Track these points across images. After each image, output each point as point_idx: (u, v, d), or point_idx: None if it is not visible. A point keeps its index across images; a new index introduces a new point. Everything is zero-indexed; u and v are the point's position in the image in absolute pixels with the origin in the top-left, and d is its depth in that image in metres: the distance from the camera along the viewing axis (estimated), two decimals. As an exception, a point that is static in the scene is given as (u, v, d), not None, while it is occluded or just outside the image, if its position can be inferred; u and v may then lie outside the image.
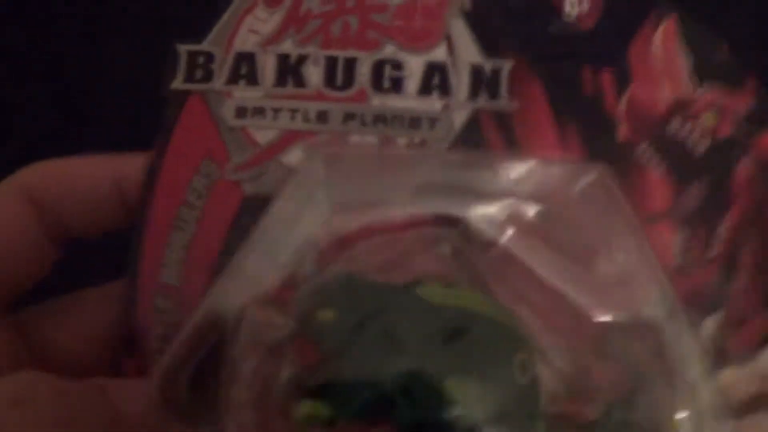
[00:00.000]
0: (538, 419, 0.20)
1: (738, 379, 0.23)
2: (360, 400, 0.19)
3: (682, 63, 0.23)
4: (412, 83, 0.23)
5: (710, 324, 0.23)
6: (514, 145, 0.23)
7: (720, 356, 0.23)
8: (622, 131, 0.23)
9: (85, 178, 0.23)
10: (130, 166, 0.23)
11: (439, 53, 0.23)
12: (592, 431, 0.21)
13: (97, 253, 0.25)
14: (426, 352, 0.19)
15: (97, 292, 0.23)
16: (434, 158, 0.22)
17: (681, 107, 0.23)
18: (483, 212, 0.22)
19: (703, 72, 0.24)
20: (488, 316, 0.20)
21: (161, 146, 0.23)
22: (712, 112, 0.23)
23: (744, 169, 0.23)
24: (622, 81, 0.23)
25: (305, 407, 0.19)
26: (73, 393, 0.19)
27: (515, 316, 0.20)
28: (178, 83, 0.23)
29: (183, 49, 0.23)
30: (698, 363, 0.21)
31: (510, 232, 0.22)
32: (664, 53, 0.23)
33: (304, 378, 0.19)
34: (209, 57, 0.23)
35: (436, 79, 0.23)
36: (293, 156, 0.22)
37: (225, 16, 0.23)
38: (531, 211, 0.22)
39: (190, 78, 0.23)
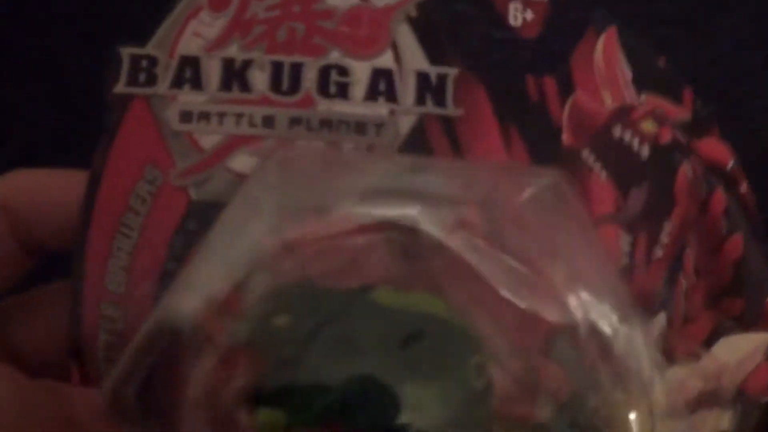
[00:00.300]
0: (491, 422, 0.20)
1: (684, 378, 0.23)
2: (316, 406, 0.19)
3: (623, 72, 0.24)
4: (359, 89, 0.23)
5: (656, 325, 0.23)
6: (459, 151, 0.23)
7: (666, 356, 0.23)
8: (566, 137, 0.23)
9: (57, 192, 0.23)
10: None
11: (386, 60, 0.23)
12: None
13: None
14: (381, 356, 0.19)
15: (47, 290, 0.23)
16: (385, 162, 0.22)
17: (622, 114, 0.24)
18: (433, 216, 0.22)
19: (642, 81, 0.24)
20: (443, 319, 0.20)
21: (104, 152, 0.22)
22: (652, 120, 0.24)
23: (684, 174, 0.24)
24: (565, 88, 0.24)
25: (263, 415, 0.18)
26: (29, 390, 0.19)
27: (469, 319, 0.20)
28: (120, 87, 0.22)
29: (125, 52, 0.23)
30: (649, 363, 0.21)
31: (459, 235, 0.22)
32: (605, 62, 0.24)
33: (260, 385, 0.19)
34: (153, 60, 0.23)
35: (382, 85, 0.23)
36: (240, 161, 0.22)
37: (169, 19, 0.23)
38: (481, 214, 0.22)
39: (132, 82, 0.22)
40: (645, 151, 0.24)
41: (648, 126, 0.24)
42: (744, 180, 0.24)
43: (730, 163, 0.24)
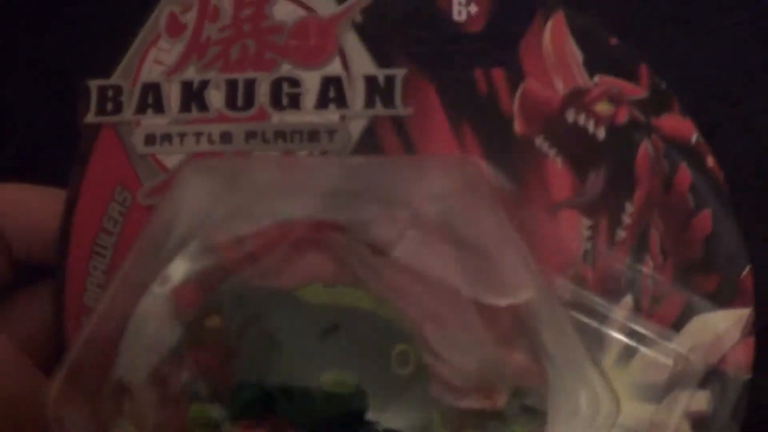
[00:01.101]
0: (429, 409, 0.20)
1: (655, 359, 0.23)
2: (243, 400, 0.20)
3: (574, 56, 0.24)
4: (310, 98, 0.24)
5: (624, 307, 0.23)
6: (411, 150, 0.23)
7: (637, 337, 0.23)
8: (519, 126, 0.24)
9: (38, 209, 0.24)
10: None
11: (334, 67, 0.24)
12: (499, 419, 0.21)
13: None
14: (302, 349, 0.20)
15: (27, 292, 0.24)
16: (329, 164, 0.23)
17: (576, 98, 0.24)
18: (380, 216, 0.22)
19: (595, 63, 0.24)
20: (366, 311, 0.20)
21: (78, 177, 0.24)
22: (607, 101, 0.24)
23: (644, 152, 0.24)
24: (515, 78, 0.24)
25: (194, 410, 0.20)
26: None
27: (399, 312, 0.21)
28: (90, 117, 0.24)
29: (93, 84, 0.24)
30: (578, 346, 0.21)
31: (409, 233, 0.23)
32: (555, 48, 0.24)
33: (198, 382, 0.20)
34: (118, 90, 0.24)
35: (332, 92, 0.24)
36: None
37: (131, 50, 0.24)
38: (433, 208, 0.23)
39: (101, 111, 0.24)
40: (601, 133, 0.24)
41: (603, 107, 0.24)
42: (710, 154, 0.24)
43: (694, 138, 0.24)
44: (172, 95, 0.24)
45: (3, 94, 0.24)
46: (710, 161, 0.24)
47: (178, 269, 0.21)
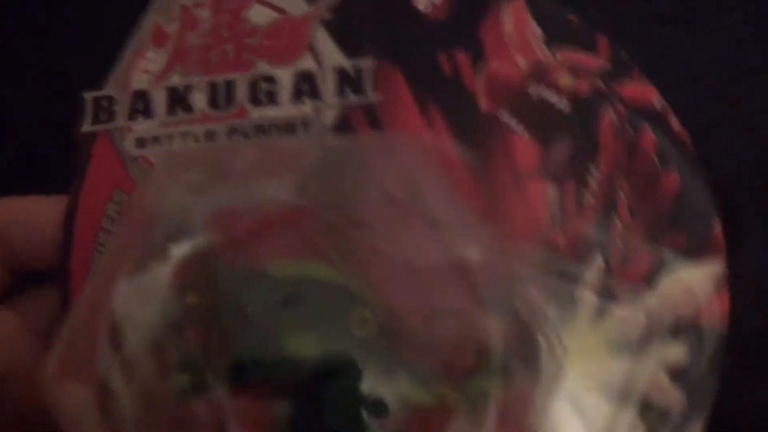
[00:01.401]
0: (396, 370, 0.22)
1: (628, 315, 0.24)
2: (219, 370, 0.21)
3: (534, 34, 0.25)
4: (285, 93, 0.25)
5: (594, 268, 0.24)
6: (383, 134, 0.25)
7: (609, 296, 0.24)
8: (484, 103, 0.25)
9: (41, 218, 0.26)
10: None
11: (307, 62, 0.25)
12: (470, 379, 0.22)
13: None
14: (266, 319, 0.21)
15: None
16: (305, 146, 0.24)
17: (538, 74, 0.25)
18: (355, 194, 0.24)
19: (555, 39, 0.25)
20: (325, 280, 0.22)
21: (78, 183, 0.26)
22: (568, 74, 0.25)
23: (608, 119, 0.25)
24: (477, 59, 0.25)
25: (175, 380, 0.21)
26: None
27: (360, 280, 0.22)
28: (87, 126, 0.26)
29: (88, 96, 0.26)
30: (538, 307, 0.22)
31: (380, 210, 0.24)
32: (515, 28, 0.25)
33: (177, 355, 0.22)
34: (110, 100, 0.26)
35: (305, 86, 0.25)
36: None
37: (121, 63, 0.26)
38: (403, 187, 0.24)
39: (96, 120, 0.26)
40: (565, 105, 0.25)
41: (565, 80, 0.25)
42: (674, 116, 0.25)
43: (657, 103, 0.25)
44: (159, 100, 0.26)
45: (3, 94, 0.25)
46: (675, 125, 0.25)
47: (176, 251, 0.23)
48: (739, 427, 0.22)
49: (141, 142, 0.26)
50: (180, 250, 0.23)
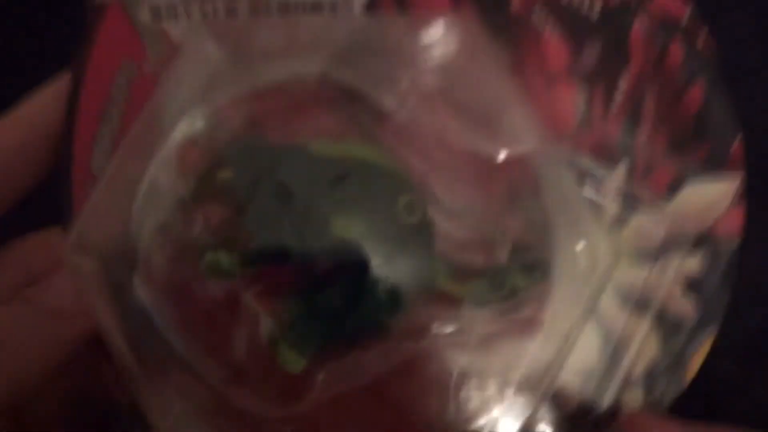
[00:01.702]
0: (435, 261, 0.21)
1: (648, 224, 0.24)
2: (257, 249, 0.20)
3: (570, -62, 0.25)
4: (313, -27, 0.24)
5: (619, 173, 0.24)
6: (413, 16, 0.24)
7: (631, 203, 0.24)
8: (515, 3, 0.24)
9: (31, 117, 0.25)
10: (31, 117, 0.24)
11: (338, -56, 0.24)
12: (501, 274, 0.22)
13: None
14: (312, 198, 0.20)
15: None
16: (333, 24, 0.23)
17: (571, -22, 0.25)
18: (383, 79, 0.23)
19: (590, -56, 0.25)
20: (373, 163, 0.21)
21: (85, 52, 0.24)
22: (601, -19, 0.25)
23: (639, 27, 0.24)
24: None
25: (208, 258, 0.20)
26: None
27: (404, 165, 0.21)
28: (98, -5, 0.25)
29: (100, -37, 0.25)
30: (579, 202, 0.22)
31: (412, 98, 0.23)
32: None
33: (210, 233, 0.21)
34: (124, -33, 0.25)
35: (335, -33, 0.24)
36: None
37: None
38: (426, 76, 0.23)
39: (107, -12, 0.25)
40: (596, 13, 0.24)
41: (598, -13, 0.25)
42: (702, 30, 0.25)
43: (686, 16, 0.25)
44: (178, -29, 0.25)
45: (3, 94, 0.24)
46: (702, 38, 0.25)
47: (182, 130, 0.22)
48: (739, 426, 0.22)
49: (156, 12, 0.24)
50: (183, 130, 0.22)
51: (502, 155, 0.22)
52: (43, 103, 0.25)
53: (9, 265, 0.21)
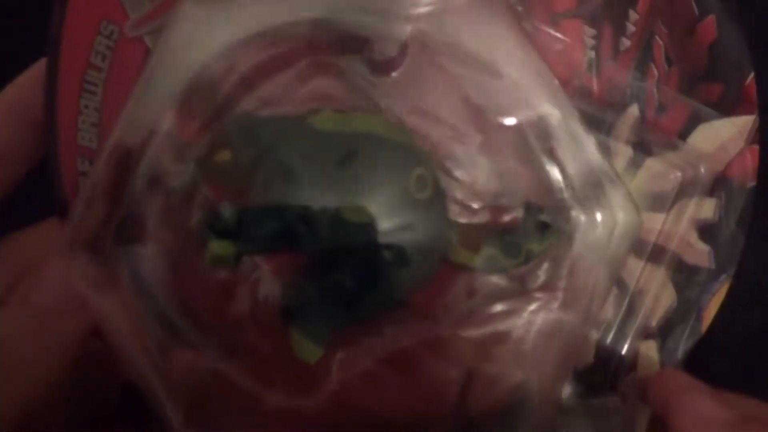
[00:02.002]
0: (447, 230, 0.20)
1: (662, 168, 0.23)
2: (262, 234, 0.19)
3: None
4: None
5: (630, 116, 0.23)
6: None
7: (642, 148, 0.23)
8: (518, -62, 0.23)
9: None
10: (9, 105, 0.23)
11: None
12: (515, 236, 0.21)
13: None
14: (320, 179, 0.19)
15: None
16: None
17: None
18: (386, 33, 0.22)
19: None
20: (380, 136, 0.20)
21: (60, 16, 0.23)
22: None
23: (647, -39, 0.23)
24: None
25: (212, 247, 0.19)
26: None
27: (411, 134, 0.20)
28: (67, -51, 0.23)
29: None
30: (597, 161, 0.21)
31: (414, 50, 0.22)
32: None
33: (210, 220, 0.19)
34: None
35: None
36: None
37: None
38: (431, 28, 0.22)
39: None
40: (603, -57, 0.23)
41: None
42: (713, -38, 0.23)
43: (697, -54, 0.23)
44: None
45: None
46: (713, -31, 0.23)
47: (175, 102, 0.20)
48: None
49: (132, -34, 0.23)
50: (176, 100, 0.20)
51: (510, 116, 0.21)
52: (21, 88, 0.23)
53: (3, 261, 0.20)
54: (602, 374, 0.23)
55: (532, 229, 0.21)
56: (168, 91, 0.20)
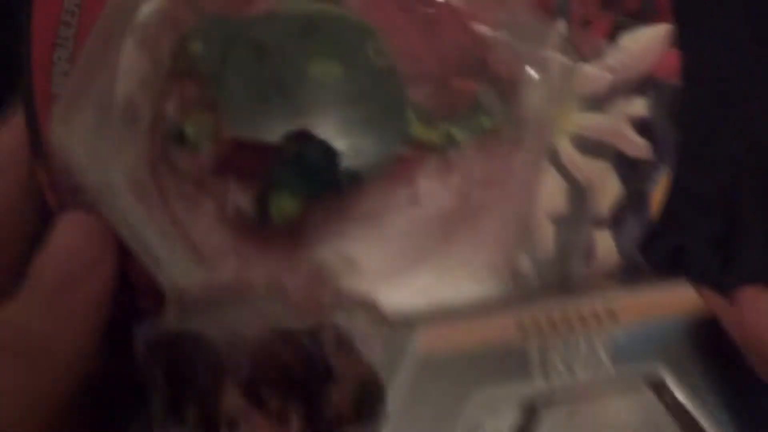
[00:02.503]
0: (404, 106, 0.22)
1: (593, 72, 0.25)
2: (237, 110, 0.21)
3: None
4: None
5: (559, 28, 0.25)
6: None
7: (573, 56, 0.25)
8: None
9: None
10: None
11: None
12: (469, 112, 0.23)
13: None
14: (287, 49, 0.21)
15: None
16: None
17: None
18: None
19: None
20: (339, 15, 0.22)
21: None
22: None
23: None
24: None
25: (176, 130, 0.21)
26: None
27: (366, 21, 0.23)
28: None
29: None
30: None
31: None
32: None
33: (188, 107, 0.21)
34: None
35: None
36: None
37: None
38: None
39: None
40: None
41: None
42: None
43: None
44: None
45: (2, 93, 0.24)
46: None
47: (145, 11, 0.22)
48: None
49: None
50: (147, 10, 0.22)
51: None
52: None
53: None
54: (564, 266, 0.24)
55: (487, 106, 0.23)
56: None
